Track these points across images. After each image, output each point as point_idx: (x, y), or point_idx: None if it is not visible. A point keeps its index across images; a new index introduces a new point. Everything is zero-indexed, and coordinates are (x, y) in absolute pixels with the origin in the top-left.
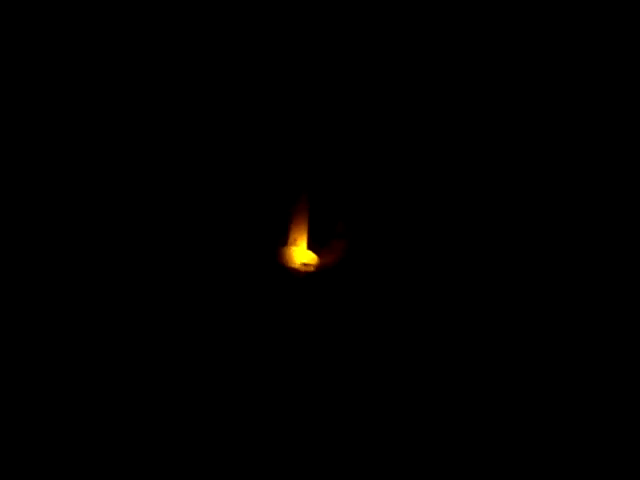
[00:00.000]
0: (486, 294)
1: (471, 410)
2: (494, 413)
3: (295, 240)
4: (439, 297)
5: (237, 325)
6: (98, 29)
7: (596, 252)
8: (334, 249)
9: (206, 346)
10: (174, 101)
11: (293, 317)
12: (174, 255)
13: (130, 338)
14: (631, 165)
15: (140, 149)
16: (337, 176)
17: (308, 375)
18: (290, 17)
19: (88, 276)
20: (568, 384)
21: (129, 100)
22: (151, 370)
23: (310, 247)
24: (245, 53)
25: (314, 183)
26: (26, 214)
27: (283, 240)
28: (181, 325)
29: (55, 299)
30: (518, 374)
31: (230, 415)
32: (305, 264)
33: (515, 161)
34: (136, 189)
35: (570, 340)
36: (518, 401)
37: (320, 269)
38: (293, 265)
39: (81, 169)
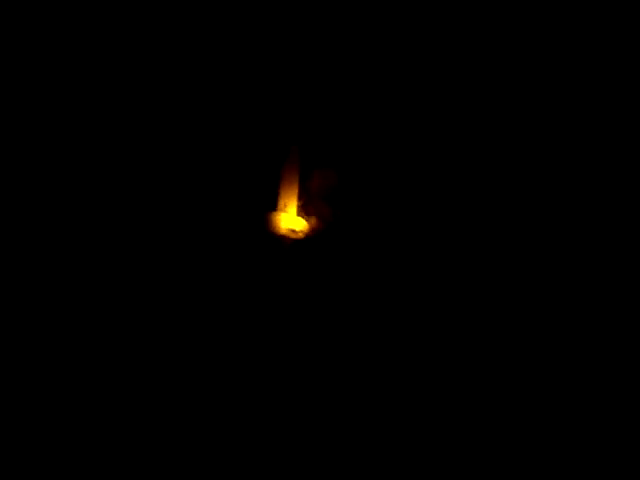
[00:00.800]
0: (474, 259)
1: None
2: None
3: (284, 206)
4: (427, 266)
5: (223, 296)
6: (98, 29)
7: (596, 252)
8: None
9: (193, 318)
10: (159, 69)
11: (280, 286)
12: (157, 225)
13: (124, 307)
14: (631, 165)
15: (124, 120)
16: (330, 139)
17: (296, 347)
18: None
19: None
20: (567, 383)
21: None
22: (144, 340)
23: (300, 213)
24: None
25: (306, 145)
26: (26, 214)
27: (271, 205)
28: (167, 296)
29: (49, 291)
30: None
31: (221, 384)
32: (294, 231)
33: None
34: (120, 156)
35: (569, 339)
36: (511, 395)
37: (309, 236)
38: (281, 232)
39: (69, 158)
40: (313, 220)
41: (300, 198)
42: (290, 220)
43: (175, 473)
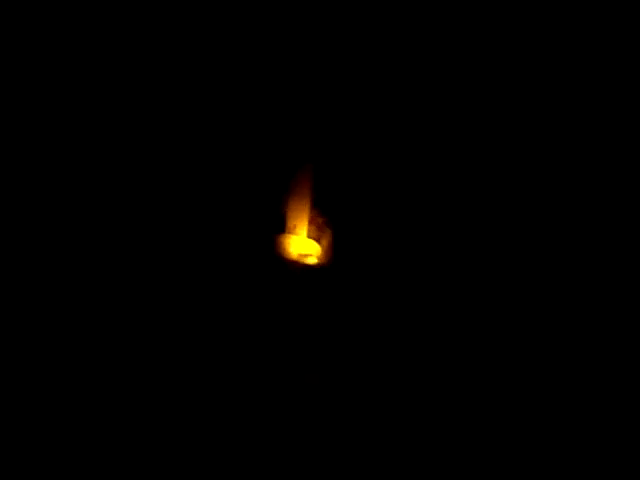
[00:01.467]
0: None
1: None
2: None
3: (294, 227)
4: (443, 293)
5: (229, 322)
6: (98, 29)
7: (596, 252)
8: None
9: (199, 340)
10: (166, 76)
11: (290, 315)
12: (163, 242)
13: (126, 327)
14: (631, 165)
15: (131, 127)
16: (344, 153)
17: (304, 374)
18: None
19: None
20: (568, 384)
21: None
22: (147, 356)
23: (311, 236)
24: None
25: (319, 159)
26: (26, 214)
27: (280, 227)
28: (174, 317)
29: (52, 297)
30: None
31: (223, 403)
32: (304, 255)
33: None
34: (125, 166)
35: (569, 340)
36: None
37: (322, 261)
38: (291, 256)
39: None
40: (326, 243)
41: (312, 219)
42: (301, 243)
43: (175, 473)
